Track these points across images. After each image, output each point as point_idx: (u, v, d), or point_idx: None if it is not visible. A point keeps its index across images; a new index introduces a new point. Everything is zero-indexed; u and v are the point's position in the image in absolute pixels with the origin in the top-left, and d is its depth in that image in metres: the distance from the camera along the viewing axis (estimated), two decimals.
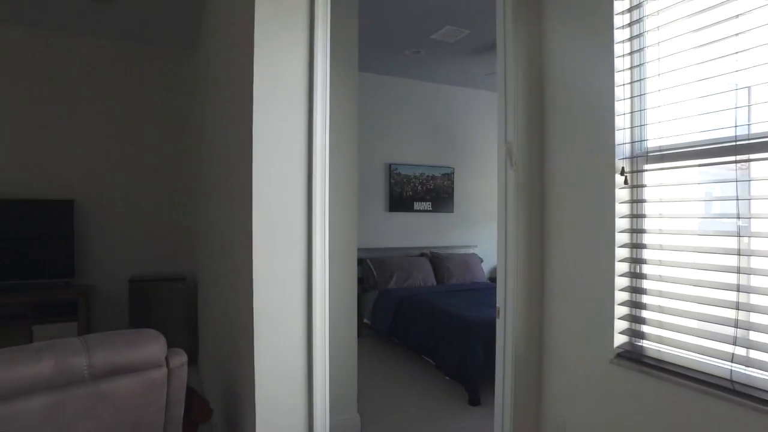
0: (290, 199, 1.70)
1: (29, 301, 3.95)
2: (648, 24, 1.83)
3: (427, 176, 6.13)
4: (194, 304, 4.60)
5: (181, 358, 1.70)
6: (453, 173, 6.30)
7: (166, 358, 1.67)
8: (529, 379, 2.19)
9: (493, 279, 6.25)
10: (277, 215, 1.69)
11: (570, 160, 2.07)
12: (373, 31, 4.43)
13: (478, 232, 6.50)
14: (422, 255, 5.96)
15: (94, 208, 4.47)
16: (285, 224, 1.70)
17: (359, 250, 3.42)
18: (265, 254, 1.67)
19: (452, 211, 6.31)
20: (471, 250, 6.29)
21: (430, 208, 6.15)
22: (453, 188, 6.30)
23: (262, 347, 1.67)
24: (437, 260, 5.81)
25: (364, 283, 5.45)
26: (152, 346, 1.62)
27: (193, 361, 4.14)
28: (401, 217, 6.02)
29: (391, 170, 5.92)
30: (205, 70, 3.74)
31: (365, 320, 5.33)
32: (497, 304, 2.23)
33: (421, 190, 6.10)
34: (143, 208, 4.64)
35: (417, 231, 6.11)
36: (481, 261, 6.12)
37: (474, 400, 3.51)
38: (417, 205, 6.07)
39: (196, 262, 4.59)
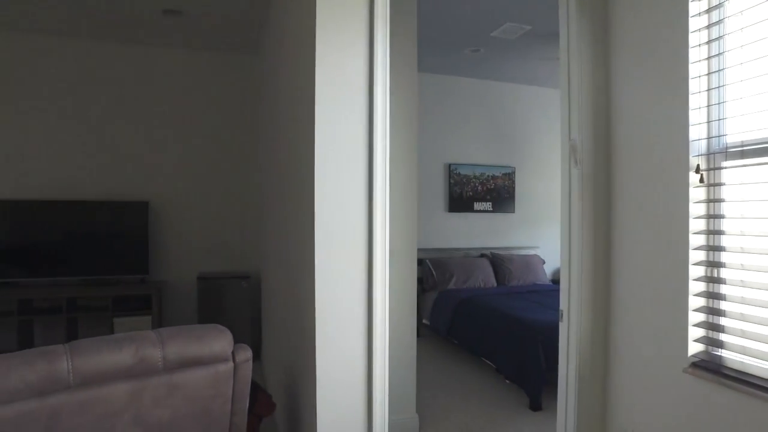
0: (351, 199, 1.73)
1: (110, 295, 4.25)
2: (729, 8, 1.71)
3: (488, 176, 6.03)
4: (258, 301, 4.77)
5: (246, 354, 1.77)
6: (514, 173, 6.16)
7: (233, 353, 1.74)
8: (594, 385, 2.10)
9: (555, 281, 6.06)
10: (339, 215, 1.72)
11: (639, 158, 1.97)
12: (432, 31, 4.41)
13: (540, 232, 6.32)
14: (482, 256, 5.87)
15: (166, 209, 4.74)
16: (346, 224, 1.72)
17: (419, 250, 3.42)
18: (327, 254, 1.70)
19: (513, 212, 6.17)
20: (533, 251, 6.13)
21: (491, 209, 6.05)
22: (514, 188, 6.16)
23: (323, 345, 1.70)
24: (498, 261, 5.71)
25: (423, 284, 5.45)
26: (220, 341, 1.70)
27: (256, 356, 4.29)
28: (461, 218, 5.96)
29: (450, 170, 5.87)
30: (268, 74, 3.86)
31: (424, 321, 5.32)
32: (560, 307, 2.16)
33: (482, 190, 6.01)
34: (211, 208, 4.87)
35: (477, 231, 6.03)
36: (543, 262, 5.94)
37: (535, 405, 3.42)
38: (477, 206, 5.99)
39: (259, 260, 4.76)
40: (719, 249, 1.75)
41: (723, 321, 1.72)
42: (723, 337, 1.72)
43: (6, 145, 4.40)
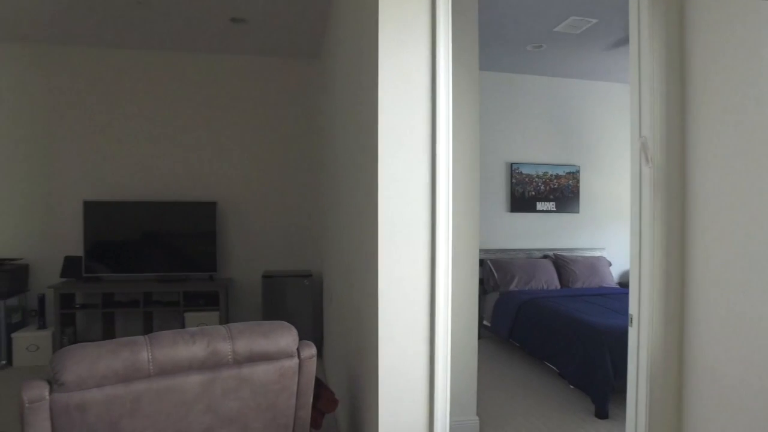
0: (414, 199, 1.74)
1: (181, 291, 4.50)
2: None
3: (551, 175, 5.86)
4: (319, 299, 4.88)
5: (311, 350, 1.82)
6: (578, 171, 5.95)
7: (298, 350, 1.80)
8: (667, 396, 2.00)
9: (623, 284, 5.80)
10: (402, 216, 1.73)
11: (721, 154, 1.85)
12: (493, 28, 4.34)
13: (607, 233, 6.07)
14: (545, 257, 5.71)
15: (232, 210, 4.95)
16: (409, 224, 1.73)
17: (480, 251, 3.38)
18: (390, 254, 1.72)
19: (578, 212, 5.96)
20: (598, 253, 5.89)
21: (554, 209, 5.88)
22: (578, 187, 5.95)
23: (385, 345, 1.72)
24: (561, 263, 5.54)
25: (484, 285, 5.38)
26: (286, 337, 1.75)
27: (318, 353, 4.39)
28: (523, 218, 5.82)
29: (512, 170, 5.76)
30: (331, 76, 3.94)
31: (485, 322, 5.24)
32: (629, 312, 2.07)
33: (544, 190, 5.85)
34: (275, 208, 5.04)
35: (540, 232, 5.88)
36: (610, 264, 5.70)
37: (601, 413, 3.29)
38: (540, 206, 5.84)
39: (322, 259, 4.87)
40: None
41: None
42: None
43: (91, 152, 4.76)
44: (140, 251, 4.63)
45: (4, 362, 4.32)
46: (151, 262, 4.63)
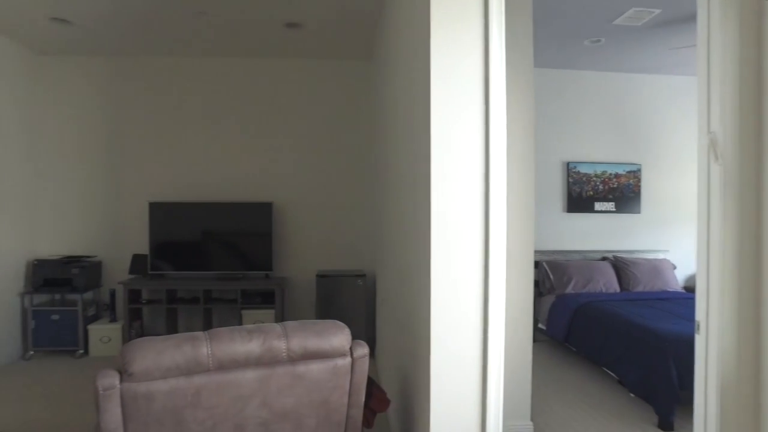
0: (468, 199, 1.72)
1: (240, 289, 4.66)
2: None
3: (610, 174, 5.64)
4: (372, 299, 4.92)
5: (363, 350, 1.83)
6: (640, 170, 5.69)
7: (351, 349, 1.82)
8: (740, 409, 1.87)
9: (689, 288, 5.50)
10: (455, 216, 1.71)
11: None
12: (548, 24, 4.23)
13: (670, 235, 5.77)
14: (604, 259, 5.50)
15: (288, 210, 5.08)
16: (463, 225, 1.71)
17: (535, 252, 3.30)
18: (443, 255, 1.71)
19: (639, 212, 5.71)
20: (662, 255, 5.61)
21: (613, 209, 5.65)
22: (640, 186, 5.70)
23: (438, 347, 1.71)
24: (621, 265, 5.31)
25: (539, 287, 5.25)
26: (339, 336, 1.78)
27: (370, 353, 4.43)
28: (580, 219, 5.64)
29: (569, 169, 5.59)
30: (383, 77, 3.97)
31: (540, 325, 5.11)
32: (696, 318, 1.96)
33: (603, 190, 5.64)
34: (329, 209, 5.12)
35: (598, 233, 5.67)
36: (674, 267, 5.42)
37: (665, 424, 3.13)
38: (598, 206, 5.63)
39: (375, 259, 4.90)
40: None
41: None
42: None
43: (156, 157, 5.01)
44: (201, 250, 4.83)
45: (81, 351, 4.62)
46: (211, 260, 4.83)
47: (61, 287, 4.56)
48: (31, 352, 4.61)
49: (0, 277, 4.43)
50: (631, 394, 3.52)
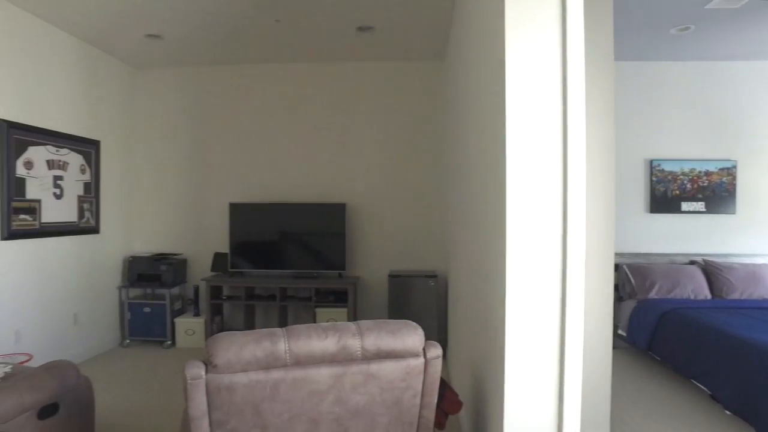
0: (545, 199, 1.66)
1: (314, 287, 4.80)
2: None
3: (699, 172, 5.25)
4: (444, 300, 4.89)
5: (436, 351, 1.83)
6: (735, 167, 5.25)
7: (424, 349, 1.82)
8: None
9: None
10: (531, 217, 1.67)
11: None
12: (629, 14, 4.00)
13: None
14: (692, 263, 5.13)
15: (360, 211, 5.16)
16: (539, 226, 1.66)
17: (615, 255, 3.14)
18: (519, 257, 1.66)
19: (734, 213, 5.26)
20: (761, 260, 5.15)
21: (703, 209, 5.25)
22: (735, 185, 5.25)
23: (512, 352, 1.67)
24: (712, 270, 4.93)
25: (619, 291, 4.99)
26: (412, 336, 1.79)
27: (442, 354, 4.40)
28: (665, 220, 5.29)
29: (652, 167, 5.26)
30: (455, 77, 3.93)
31: (620, 331, 4.86)
32: None
33: (691, 189, 5.26)
34: (401, 209, 5.15)
35: (685, 235, 5.29)
36: None
37: None
38: (685, 206, 5.26)
39: (447, 259, 4.87)
40: None
41: None
42: None
43: (235, 160, 5.28)
44: (277, 249, 5.03)
45: (169, 342, 4.96)
46: (287, 259, 5.01)
47: (151, 282, 4.92)
48: (128, 341, 5.00)
49: (104, 272, 4.86)
50: (727, 411, 3.26)
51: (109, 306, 4.95)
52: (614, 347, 4.89)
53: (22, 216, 3.87)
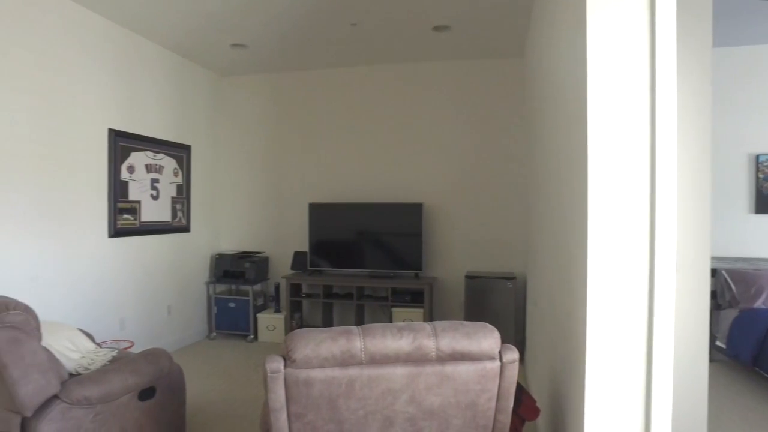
0: (630, 199, 1.56)
1: (390, 287, 4.84)
2: None
3: None
4: (522, 302, 4.75)
5: (513, 354, 1.78)
6: None
7: (500, 353, 1.77)
8: None
9: None
10: (616, 217, 1.57)
11: None
12: None
13: None
14: None
15: (437, 211, 5.14)
16: (624, 227, 1.56)
17: (712, 259, 2.89)
18: (602, 260, 1.57)
19: None
20: None
21: None
22: None
23: (594, 362, 1.58)
24: None
25: (717, 299, 4.59)
26: (488, 339, 1.75)
27: (519, 358, 4.28)
28: None
29: (757, 162, 4.79)
30: (534, 73, 3.81)
31: (718, 343, 4.47)
32: None
33: None
34: (479, 209, 5.07)
35: None
36: None
37: None
38: None
39: (525, 261, 4.73)
40: None
41: None
42: None
43: (314, 161, 5.44)
44: (355, 249, 5.12)
45: (252, 337, 5.21)
46: (364, 259, 5.09)
47: (236, 279, 5.19)
48: (214, 334, 5.31)
49: (194, 268, 5.21)
50: None
51: (198, 300, 5.29)
52: (712, 360, 4.51)
53: (125, 216, 4.23)
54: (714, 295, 4.57)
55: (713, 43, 3.12)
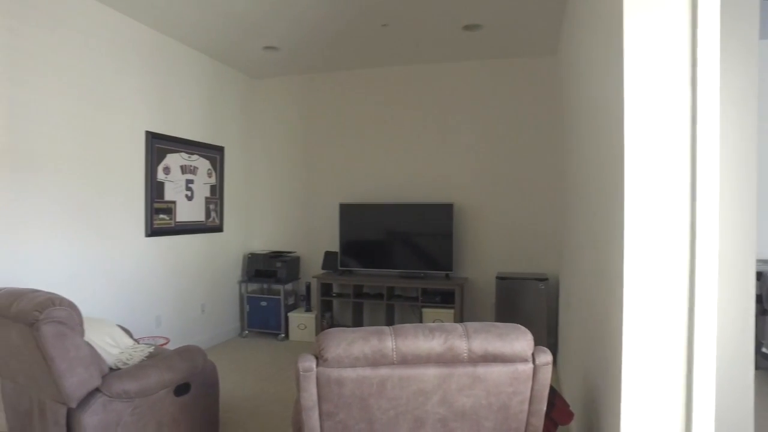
0: (668, 199, 1.51)
1: (421, 287, 4.82)
2: None
3: None
4: (555, 304, 4.67)
5: (546, 357, 1.75)
6: None
7: (533, 355, 1.74)
8: None
9: None
10: (653, 217, 1.52)
11: None
12: None
13: None
14: None
15: (468, 211, 5.09)
16: (663, 230, 1.51)
17: (758, 261, 2.77)
18: (639, 262, 1.53)
19: None
20: None
21: None
22: None
23: (631, 368, 1.53)
24: None
25: (763, 303, 4.40)
26: (521, 341, 1.72)
27: (552, 360, 4.20)
28: None
29: None
30: (568, 71, 3.74)
31: (764, 349, 4.29)
32: None
33: None
34: (510, 209, 5.00)
35: None
36: None
37: None
38: None
39: (558, 262, 4.64)
40: None
41: None
42: None
43: (345, 162, 5.47)
44: (385, 249, 5.13)
45: (283, 335, 5.28)
46: (395, 259, 5.09)
47: (268, 278, 5.26)
48: (246, 332, 5.40)
49: (227, 267, 5.31)
50: None
51: (231, 299, 5.39)
52: (758, 368, 4.33)
53: (161, 216, 4.35)
54: (759, 299, 4.39)
55: (760, 35, 2.98)
